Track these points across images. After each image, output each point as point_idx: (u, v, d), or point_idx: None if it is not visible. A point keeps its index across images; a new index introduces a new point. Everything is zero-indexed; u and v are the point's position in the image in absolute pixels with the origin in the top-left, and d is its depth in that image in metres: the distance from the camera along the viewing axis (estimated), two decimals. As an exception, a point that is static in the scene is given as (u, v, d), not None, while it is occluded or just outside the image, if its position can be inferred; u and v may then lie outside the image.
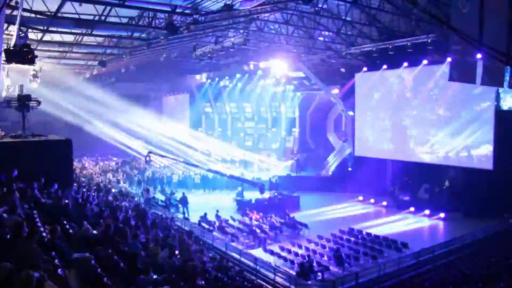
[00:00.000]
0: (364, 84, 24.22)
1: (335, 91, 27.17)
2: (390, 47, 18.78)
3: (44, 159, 12.60)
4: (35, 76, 17.54)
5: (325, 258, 13.82)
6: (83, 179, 22.88)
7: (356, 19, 18.43)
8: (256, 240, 15.96)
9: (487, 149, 18.32)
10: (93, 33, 16.15)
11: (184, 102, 38.05)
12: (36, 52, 13.11)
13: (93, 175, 26.53)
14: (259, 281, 12.15)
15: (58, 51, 19.21)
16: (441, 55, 18.19)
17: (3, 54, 12.35)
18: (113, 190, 20.92)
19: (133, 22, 15.23)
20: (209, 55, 21.29)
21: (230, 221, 18.27)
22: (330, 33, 19.86)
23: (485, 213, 18.03)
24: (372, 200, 22.75)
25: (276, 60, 26.16)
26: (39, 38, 15.66)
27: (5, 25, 11.46)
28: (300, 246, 14.97)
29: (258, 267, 13.06)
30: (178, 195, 21.76)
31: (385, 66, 22.10)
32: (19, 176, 10.63)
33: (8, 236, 5.50)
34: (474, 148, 18.92)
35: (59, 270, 4.94)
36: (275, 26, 19.32)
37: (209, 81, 34.63)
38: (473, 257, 13.64)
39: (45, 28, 14.34)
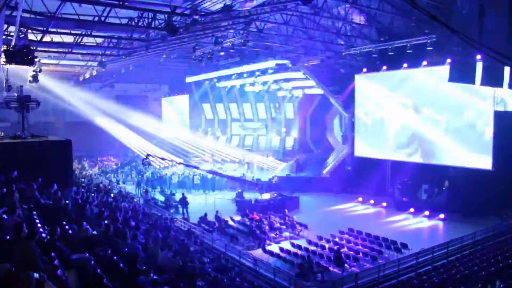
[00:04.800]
0: (364, 85, 24.25)
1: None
2: (390, 48, 18.77)
3: (43, 159, 12.61)
4: (34, 76, 17.54)
5: (325, 258, 13.80)
6: (83, 179, 22.86)
7: (356, 20, 18.43)
8: (255, 241, 15.94)
9: (487, 150, 18.31)
10: (93, 33, 16.15)
11: (183, 103, 38.06)
12: (35, 53, 13.10)
13: (93, 176, 26.51)
14: (259, 281, 12.15)
15: (58, 52, 19.17)
16: (441, 56, 18.19)
17: (3, 55, 12.37)
18: (112, 192, 20.90)
19: (133, 23, 15.21)
20: (208, 56, 21.26)
21: (230, 222, 18.26)
22: (330, 34, 19.86)
23: (485, 214, 18.03)
24: (371, 201, 22.75)
25: (276, 61, 26.13)
26: (38, 39, 15.63)
27: (5, 26, 11.45)
28: (299, 247, 14.96)
29: (257, 268, 13.06)
30: (178, 196, 21.76)
31: (384, 67, 22.09)
32: (18, 176, 10.63)
33: (8, 237, 5.49)
34: (474, 148, 18.92)
35: (59, 270, 4.93)
36: (274, 27, 19.31)
37: (208, 81, 34.62)
38: (472, 257, 13.63)
39: (45, 29, 14.33)
